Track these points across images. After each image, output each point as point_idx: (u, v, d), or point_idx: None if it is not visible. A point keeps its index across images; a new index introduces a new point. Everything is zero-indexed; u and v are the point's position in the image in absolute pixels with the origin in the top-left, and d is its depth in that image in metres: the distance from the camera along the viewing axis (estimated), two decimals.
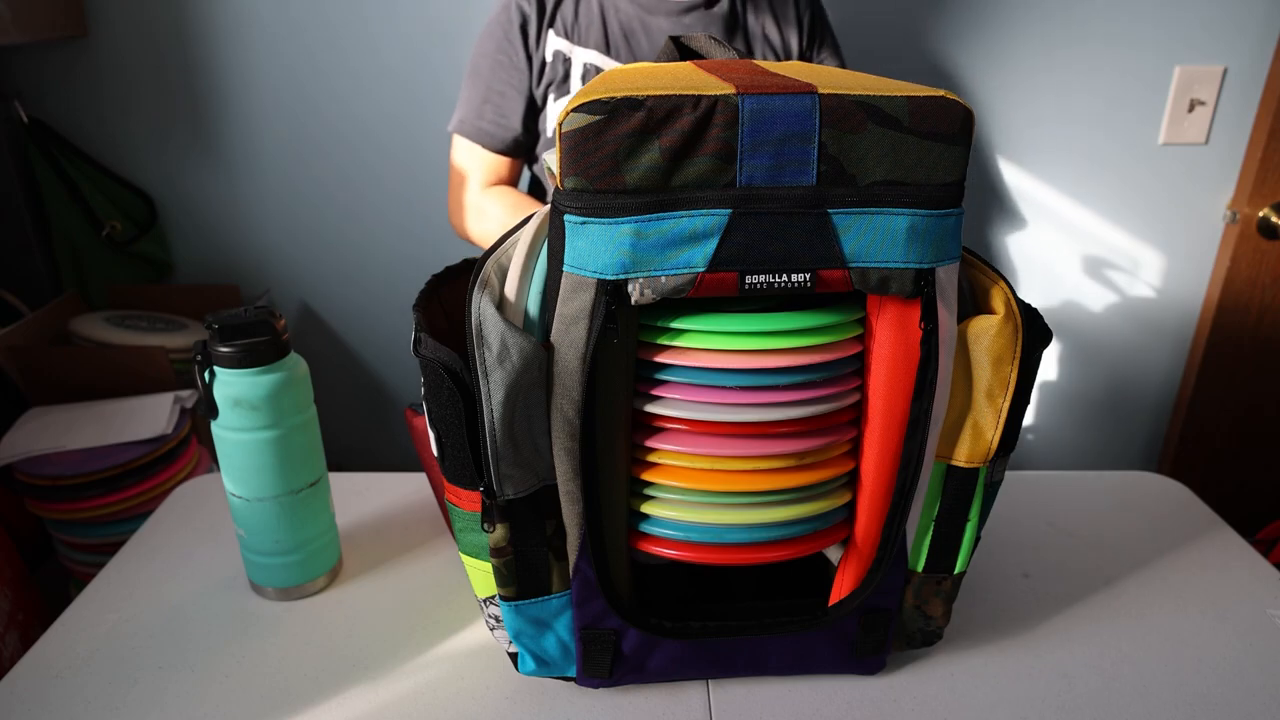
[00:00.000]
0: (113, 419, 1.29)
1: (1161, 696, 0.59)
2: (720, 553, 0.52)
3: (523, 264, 0.48)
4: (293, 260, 1.69)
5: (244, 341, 0.61)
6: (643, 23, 1.09)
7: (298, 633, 0.65)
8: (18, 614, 1.22)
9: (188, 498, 0.84)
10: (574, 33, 1.09)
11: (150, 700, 0.59)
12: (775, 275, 0.45)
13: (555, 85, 1.10)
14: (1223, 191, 1.64)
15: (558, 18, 1.09)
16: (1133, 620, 0.66)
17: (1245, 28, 1.51)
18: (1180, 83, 1.54)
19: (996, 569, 0.72)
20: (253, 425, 0.63)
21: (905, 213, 0.45)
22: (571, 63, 1.09)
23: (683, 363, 0.49)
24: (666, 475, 0.52)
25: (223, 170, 1.62)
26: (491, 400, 0.47)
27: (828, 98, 0.44)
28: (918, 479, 0.52)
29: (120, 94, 1.56)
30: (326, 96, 1.57)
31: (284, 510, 0.66)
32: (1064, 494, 0.83)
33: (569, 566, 0.53)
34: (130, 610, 0.68)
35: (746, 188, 0.44)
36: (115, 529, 1.26)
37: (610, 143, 0.43)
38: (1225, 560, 0.74)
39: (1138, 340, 1.76)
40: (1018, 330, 0.51)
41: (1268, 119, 1.54)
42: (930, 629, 0.60)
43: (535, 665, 0.58)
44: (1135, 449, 1.87)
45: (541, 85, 1.11)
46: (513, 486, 0.50)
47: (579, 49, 1.09)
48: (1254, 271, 1.65)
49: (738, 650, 0.58)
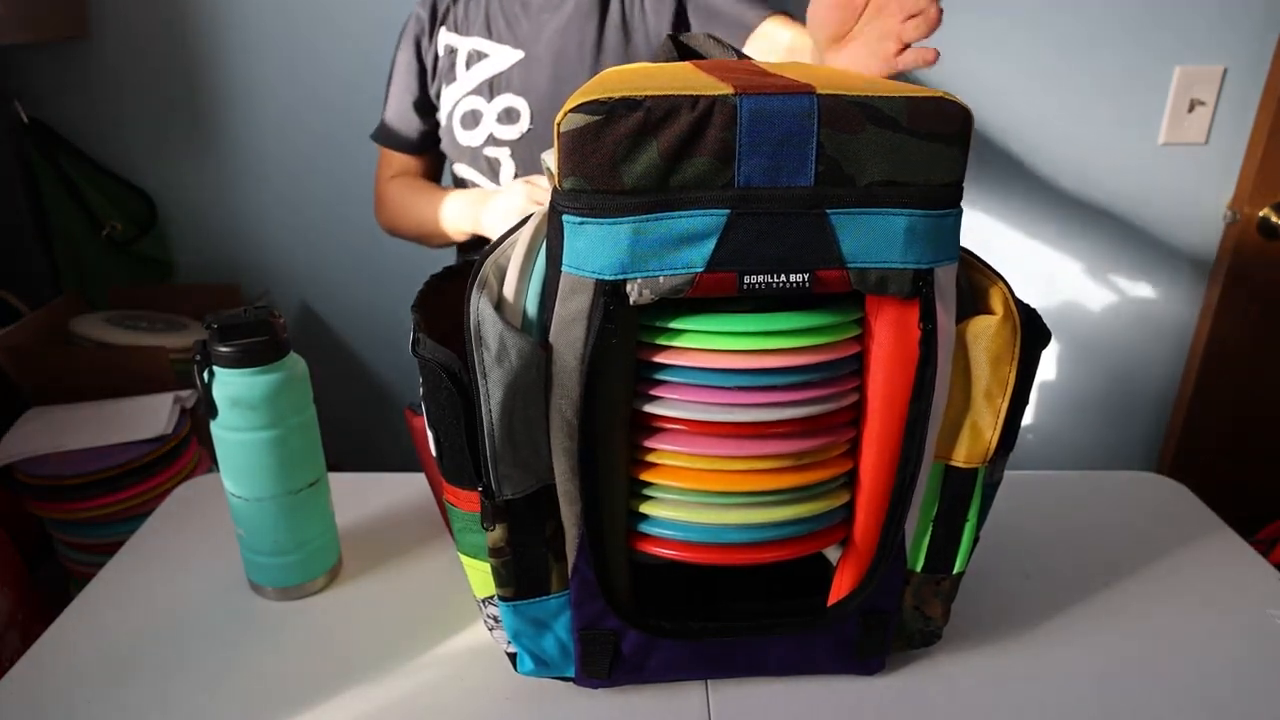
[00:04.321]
0: (113, 419, 1.29)
1: (1161, 696, 0.59)
2: (719, 553, 0.52)
3: (521, 264, 0.48)
4: (293, 260, 1.69)
5: (244, 341, 0.61)
6: (521, 2, 1.13)
7: (298, 633, 0.65)
8: (18, 614, 1.22)
9: (188, 498, 0.84)
10: (462, 26, 1.15)
11: (150, 700, 0.59)
12: (774, 275, 0.46)
13: (444, 76, 1.16)
14: (1223, 191, 1.64)
15: (450, 15, 1.16)
16: (1133, 620, 0.66)
17: (1245, 28, 1.51)
18: (1180, 83, 1.54)
19: (996, 569, 0.72)
20: (252, 425, 0.63)
21: (904, 213, 0.45)
22: (457, 52, 1.15)
23: (681, 363, 0.49)
24: (665, 475, 0.52)
25: (223, 170, 1.62)
26: (490, 401, 0.47)
27: (826, 98, 0.44)
28: (916, 479, 0.52)
29: (120, 94, 1.56)
30: (326, 96, 1.57)
31: (283, 510, 0.66)
32: (1064, 494, 0.83)
33: (568, 567, 0.53)
34: (130, 610, 0.68)
35: (745, 188, 0.44)
36: (115, 529, 1.26)
37: (608, 143, 0.43)
38: (1225, 560, 0.74)
39: (1138, 340, 1.76)
40: (1016, 330, 0.51)
41: (1268, 119, 1.54)
42: (930, 629, 0.60)
43: (534, 665, 0.58)
44: (1135, 449, 1.86)
45: (436, 80, 1.18)
46: (511, 487, 0.50)
47: (464, 39, 1.15)
48: (1254, 271, 1.65)
49: (737, 651, 0.58)
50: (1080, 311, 1.73)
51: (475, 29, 1.14)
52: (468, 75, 1.14)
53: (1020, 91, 1.56)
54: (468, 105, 1.14)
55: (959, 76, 1.56)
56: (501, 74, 1.12)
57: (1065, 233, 1.66)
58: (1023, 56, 1.54)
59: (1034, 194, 1.64)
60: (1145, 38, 1.52)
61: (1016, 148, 1.61)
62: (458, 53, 1.15)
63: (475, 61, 1.13)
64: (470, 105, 1.14)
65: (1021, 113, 1.58)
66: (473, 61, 1.14)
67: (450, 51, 1.15)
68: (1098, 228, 1.66)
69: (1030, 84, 1.56)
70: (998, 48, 1.54)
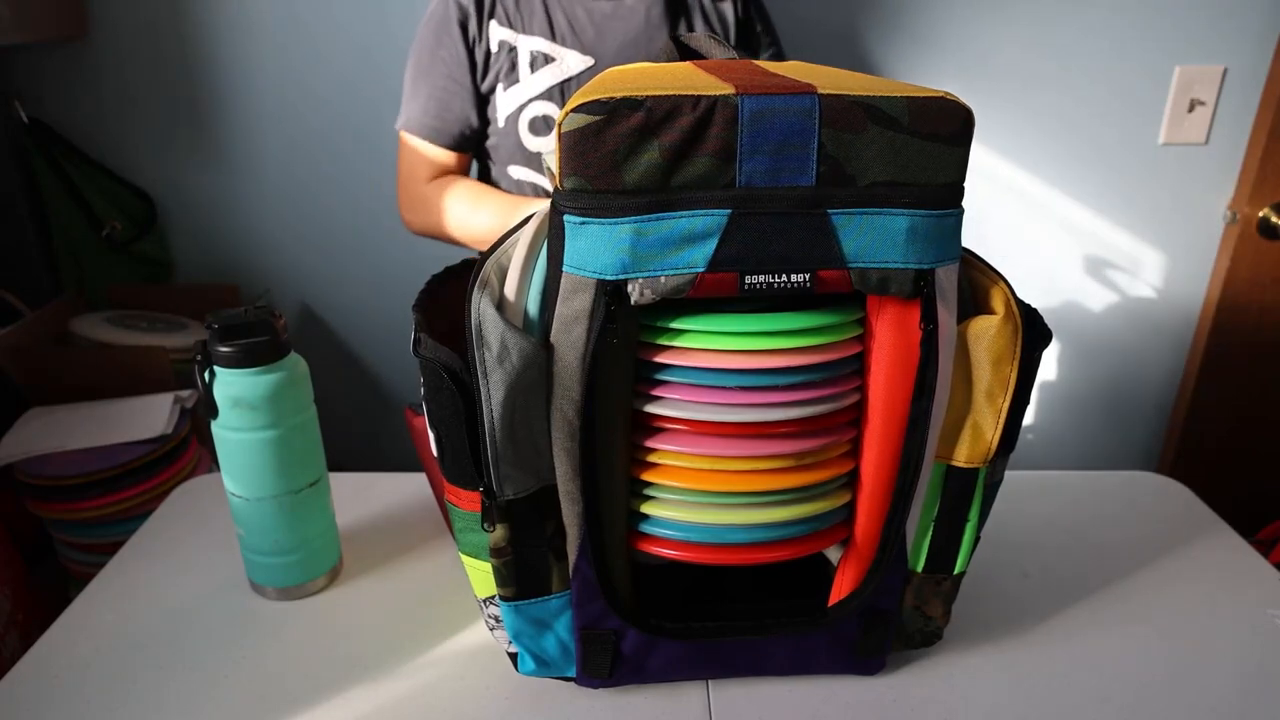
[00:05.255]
0: (113, 419, 1.29)
1: (1161, 696, 0.59)
2: (720, 553, 0.52)
3: (522, 264, 0.48)
4: (293, 260, 1.69)
5: (244, 341, 0.61)
6: (585, 7, 1.10)
7: (298, 633, 0.65)
8: (18, 614, 1.22)
9: (188, 498, 0.84)
10: (516, 22, 1.10)
11: (150, 700, 0.59)
12: (775, 275, 0.45)
13: (503, 75, 1.11)
14: (1223, 191, 1.64)
15: (498, 7, 1.10)
16: (1133, 620, 0.66)
17: (1245, 28, 1.51)
18: (1180, 83, 1.54)
19: (996, 569, 0.72)
20: (253, 425, 0.63)
21: (905, 213, 0.45)
22: (518, 52, 1.10)
23: (682, 363, 0.49)
24: (666, 475, 0.52)
25: (223, 170, 1.62)
26: (491, 400, 0.47)
27: (828, 98, 0.44)
28: (917, 479, 0.52)
29: (120, 94, 1.56)
30: (326, 96, 1.57)
31: (284, 510, 0.66)
32: (1064, 494, 0.83)
33: (569, 567, 0.53)
34: (130, 610, 0.68)
35: (746, 188, 0.44)
36: (115, 529, 1.26)
37: (609, 143, 0.43)
38: (1225, 560, 0.74)
39: (1138, 340, 1.76)
40: (1017, 330, 0.51)
41: (1268, 119, 1.54)
42: (930, 629, 0.60)
43: (535, 665, 0.58)
44: (1135, 449, 1.86)
45: (489, 77, 1.12)
46: (512, 487, 0.50)
47: (524, 37, 1.10)
48: (1254, 271, 1.65)
49: (738, 651, 0.58)
50: (1080, 311, 1.73)
51: (535, 28, 1.10)
52: (533, 79, 1.09)
53: (1020, 91, 1.56)
54: (538, 110, 1.10)
55: (959, 76, 1.56)
56: (573, 79, 1.09)
57: (1065, 233, 1.67)
58: (1023, 56, 1.54)
59: (1034, 194, 1.64)
60: (1145, 38, 1.52)
61: (1017, 147, 1.61)
62: (518, 52, 1.10)
63: (542, 65, 1.09)
64: (541, 110, 1.10)
65: (1021, 112, 1.58)
66: (538, 64, 1.09)
67: (509, 50, 1.10)
68: (1098, 228, 1.66)
69: (1030, 84, 1.56)
70: (998, 47, 1.54)
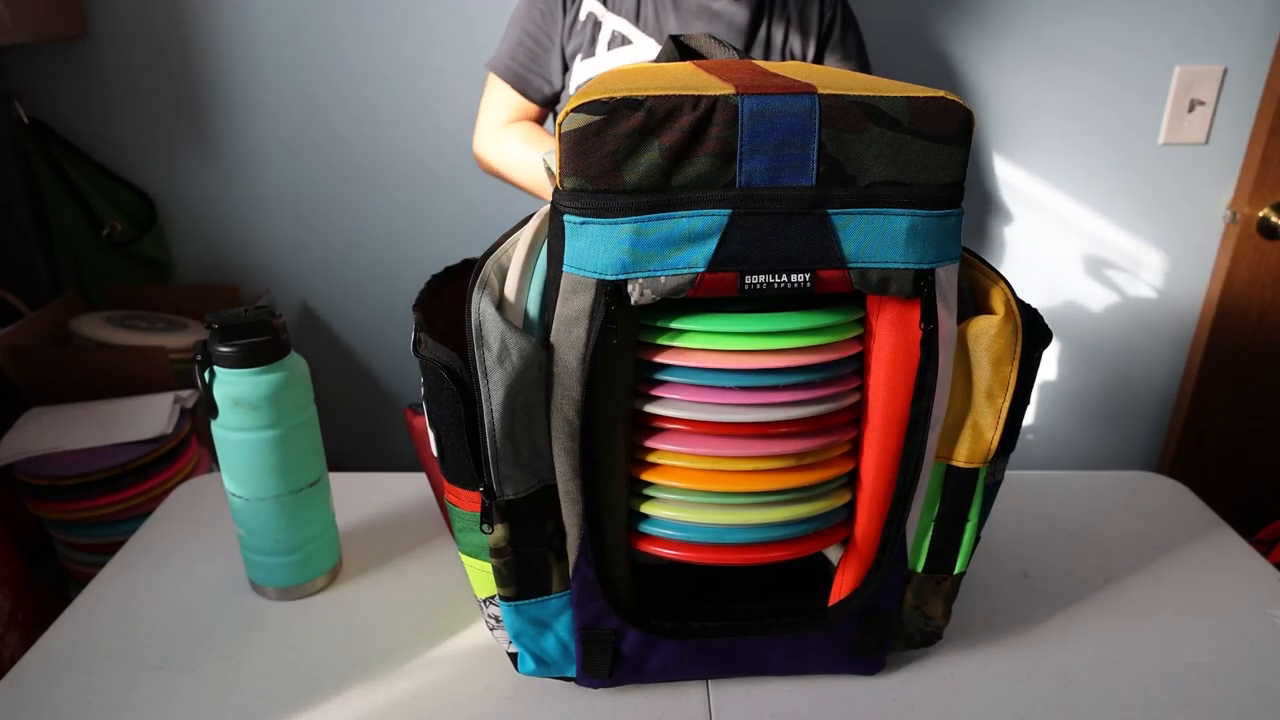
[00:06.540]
0: (113, 419, 1.29)
1: (1161, 696, 0.59)
2: (720, 553, 0.52)
3: (522, 264, 0.48)
4: (293, 260, 1.69)
5: (244, 341, 0.61)
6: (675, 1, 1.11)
7: (298, 633, 0.65)
8: (18, 614, 1.22)
9: (188, 498, 0.84)
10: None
11: (150, 700, 0.59)
12: (775, 275, 0.46)
13: (583, 47, 1.13)
14: (1223, 191, 1.64)
15: None
16: (1132, 620, 0.66)
17: (1245, 28, 1.51)
18: (1180, 83, 1.54)
19: (996, 569, 0.72)
20: (253, 425, 0.63)
21: (905, 213, 0.45)
22: (601, 27, 1.11)
23: (683, 363, 0.49)
24: (666, 475, 0.52)
25: (223, 170, 1.62)
26: (491, 400, 0.47)
27: (827, 98, 0.44)
28: (917, 479, 0.52)
29: (120, 94, 1.56)
30: (326, 96, 1.57)
31: (284, 510, 0.66)
32: (1064, 494, 0.83)
33: (569, 567, 0.53)
34: (130, 610, 0.68)
35: (746, 188, 0.44)
36: (115, 529, 1.26)
37: (610, 143, 0.43)
38: (1225, 560, 0.74)
39: (1138, 340, 1.76)
40: (1017, 330, 0.51)
41: (1268, 119, 1.54)
42: (930, 629, 0.60)
43: (535, 665, 0.58)
44: (1135, 449, 1.86)
45: (572, 43, 1.13)
46: (512, 487, 0.50)
47: (611, 15, 1.11)
48: (1254, 271, 1.65)
49: (738, 650, 0.58)
50: (1080, 311, 1.73)
51: (624, 9, 1.11)
52: (608, 56, 1.11)
53: (1020, 91, 1.56)
54: None
55: (960, 76, 1.56)
56: None
57: (1065, 233, 1.67)
58: (1023, 56, 1.54)
59: (1034, 194, 1.64)
60: (1145, 38, 1.52)
61: (1017, 147, 1.61)
62: (601, 28, 1.11)
63: (618, 45, 1.11)
64: None
65: (1022, 113, 1.58)
66: (615, 44, 1.11)
67: (595, 23, 1.12)
68: (1097, 228, 1.66)
69: (1030, 84, 1.56)
70: (998, 48, 1.54)
